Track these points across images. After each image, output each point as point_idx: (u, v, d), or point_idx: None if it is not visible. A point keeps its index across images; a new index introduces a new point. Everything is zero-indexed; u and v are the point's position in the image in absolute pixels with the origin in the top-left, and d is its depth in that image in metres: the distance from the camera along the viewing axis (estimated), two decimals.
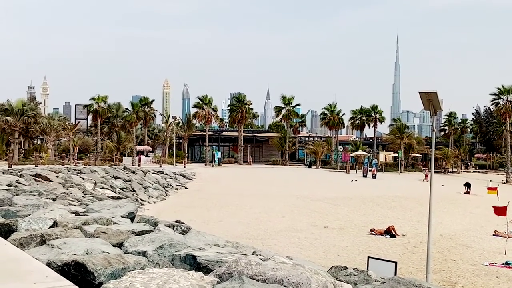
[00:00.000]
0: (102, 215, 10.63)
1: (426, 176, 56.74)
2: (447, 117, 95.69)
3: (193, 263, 6.79)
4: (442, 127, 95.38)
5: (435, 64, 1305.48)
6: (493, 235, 24.46)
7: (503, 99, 66.11)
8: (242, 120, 76.85)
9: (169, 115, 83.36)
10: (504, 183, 59.55)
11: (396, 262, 11.56)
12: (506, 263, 18.42)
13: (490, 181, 51.29)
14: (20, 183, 23.10)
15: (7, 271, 5.20)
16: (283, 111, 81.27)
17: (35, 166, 42.09)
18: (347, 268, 7.15)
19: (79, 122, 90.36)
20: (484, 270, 17.76)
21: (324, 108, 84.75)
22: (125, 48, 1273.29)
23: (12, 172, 30.25)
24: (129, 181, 36.12)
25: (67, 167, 39.21)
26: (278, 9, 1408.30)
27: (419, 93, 12.45)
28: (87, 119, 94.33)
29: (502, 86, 66.37)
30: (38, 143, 78.26)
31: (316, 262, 13.21)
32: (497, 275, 16.91)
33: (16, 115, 63.63)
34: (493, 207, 24.03)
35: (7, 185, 20.86)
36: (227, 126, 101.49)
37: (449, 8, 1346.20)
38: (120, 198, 25.22)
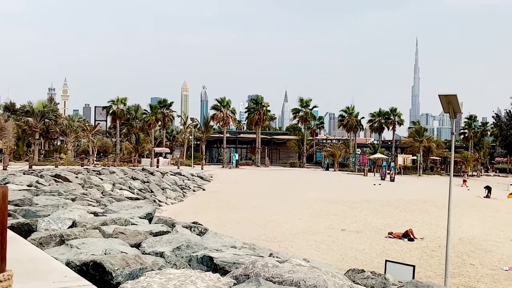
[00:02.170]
0: (121, 215, 10.72)
1: (465, 181, 55.85)
2: (467, 120, 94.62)
3: (210, 264, 6.81)
4: (462, 130, 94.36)
5: (455, 67, 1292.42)
6: None
7: None
8: (259, 122, 76.83)
9: (187, 117, 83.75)
10: None
11: (414, 266, 11.47)
12: None
13: (511, 185, 50.59)
14: (40, 183, 23.38)
15: (27, 270, 5.26)
16: (301, 113, 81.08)
17: (55, 167, 42.55)
18: (364, 271, 7.12)
19: (98, 123, 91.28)
20: (504, 275, 17.51)
21: (342, 110, 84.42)
22: (144, 51, 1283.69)
23: (32, 172, 30.66)
24: (147, 182, 36.35)
25: (86, 168, 39.58)
26: (298, 11, 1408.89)
27: (439, 95, 12.34)
28: (106, 120, 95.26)
29: None
30: (58, 144, 79.17)
31: (333, 265, 13.15)
32: None
33: (36, 117, 64.42)
34: None
35: (28, 186, 21.17)
36: (245, 128, 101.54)
37: (469, 10, 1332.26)
38: (138, 199, 25.40)
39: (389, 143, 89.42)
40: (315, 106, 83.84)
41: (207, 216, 25.57)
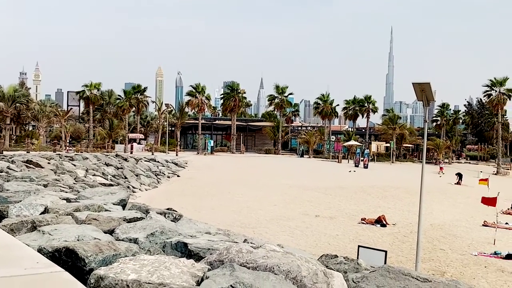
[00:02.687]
0: (94, 202, 10.62)
1: (441, 168, 56.59)
2: (439, 108, 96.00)
3: (184, 250, 6.81)
4: (434, 118, 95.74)
5: (429, 55, 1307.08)
6: (483, 225, 24.69)
7: (496, 91, 66.45)
8: (235, 109, 76.67)
9: (162, 103, 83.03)
10: (495, 174, 59.96)
11: (386, 251, 11.65)
12: (495, 253, 18.61)
13: (481, 172, 51.67)
14: (11, 169, 22.97)
15: None
16: (276, 100, 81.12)
17: (27, 152, 41.88)
18: (337, 257, 7.19)
19: (71, 108, 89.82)
20: (473, 259, 17.94)
21: (317, 98, 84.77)
22: (118, 36, 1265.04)
23: (3, 158, 30.08)
24: (121, 168, 36.05)
25: (59, 154, 39.05)
26: None
27: (413, 83, 12.47)
28: (79, 106, 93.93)
29: (495, 78, 66.70)
30: (30, 129, 77.81)
31: (306, 251, 13.28)
32: (485, 265, 17.09)
33: (7, 101, 63.09)
34: (482, 197, 24.23)
35: None
36: (220, 115, 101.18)
37: (444, 0, 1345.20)
38: (112, 185, 25.14)
39: (363, 130, 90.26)
40: (290, 93, 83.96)
41: (181, 203, 25.52)
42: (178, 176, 41.15)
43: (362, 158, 60.70)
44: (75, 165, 32.21)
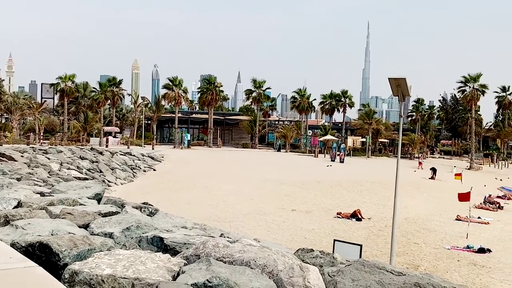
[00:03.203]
0: (68, 196, 10.48)
1: (421, 164, 57.10)
2: (415, 103, 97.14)
3: (160, 245, 6.77)
4: (409, 113, 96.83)
5: (405, 51, 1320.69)
6: (456, 219, 25.13)
7: (470, 87, 67.43)
8: (212, 103, 76.39)
9: (138, 96, 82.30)
10: (468, 169, 60.97)
11: (361, 245, 11.76)
12: (467, 247, 18.97)
13: (455, 166, 52.49)
14: None
15: None
16: (254, 94, 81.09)
17: None
18: (313, 251, 7.23)
19: (45, 101, 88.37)
20: (446, 253, 18.26)
21: (294, 92, 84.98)
22: (94, 27, 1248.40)
23: None
24: (96, 162, 35.67)
25: (33, 147, 38.46)
26: None
27: (389, 79, 12.58)
28: (53, 98, 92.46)
29: (469, 75, 67.69)
30: (3, 122, 76.35)
31: (283, 245, 13.34)
32: (458, 258, 17.41)
33: None
34: (458, 194, 24.61)
35: None
36: (197, 108, 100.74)
37: None
38: (86, 179, 24.90)
39: (340, 125, 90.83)
40: (268, 88, 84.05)
41: (157, 197, 25.39)
42: (154, 170, 40.90)
43: (338, 153, 61.09)
44: (49, 159, 31.77)
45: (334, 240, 12.29)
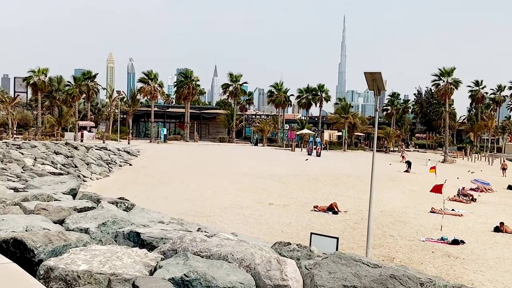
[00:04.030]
0: (43, 191, 10.34)
1: (403, 157, 57.40)
2: (390, 97, 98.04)
3: (137, 240, 6.74)
4: (385, 107, 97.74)
5: (380, 45, 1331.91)
6: (430, 212, 25.52)
7: (444, 81, 68.27)
8: (188, 97, 75.94)
9: (113, 90, 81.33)
10: (442, 162, 61.90)
11: (337, 238, 11.87)
12: (442, 239, 19.29)
13: (429, 160, 53.30)
14: None
15: None
16: (231, 88, 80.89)
17: None
18: (290, 244, 7.27)
19: (18, 95, 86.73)
20: (421, 245, 18.55)
21: (271, 86, 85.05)
22: (68, 19, 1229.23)
23: None
24: (71, 157, 35.23)
25: (6, 142, 37.79)
26: None
27: (364, 73, 12.67)
28: (26, 92, 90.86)
29: (443, 68, 68.51)
30: None
31: (260, 238, 13.38)
32: (432, 250, 17.70)
33: None
34: (434, 186, 24.97)
35: None
36: (174, 102, 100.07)
37: None
38: (61, 174, 24.57)
39: (316, 119, 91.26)
40: (245, 82, 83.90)
41: (134, 192, 25.22)
42: (130, 165, 40.55)
43: (315, 147, 61.41)
44: (23, 154, 31.28)
45: (311, 233, 12.38)
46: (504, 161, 60.31)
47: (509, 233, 21.24)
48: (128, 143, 58.66)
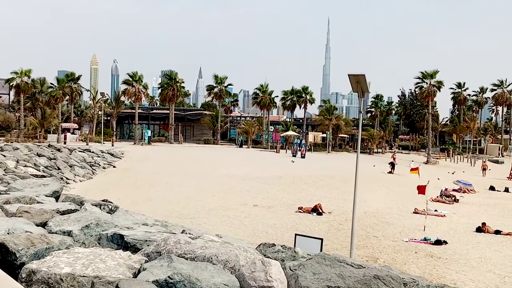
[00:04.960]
0: (25, 194, 10.24)
1: (394, 158, 57.34)
2: (374, 99, 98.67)
3: (120, 242, 6.71)
4: (369, 109, 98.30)
5: (364, 48, 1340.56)
6: (413, 212, 25.72)
7: (427, 83, 68.92)
8: (173, 98, 75.67)
9: (97, 92, 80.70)
10: (425, 163, 62.42)
11: (322, 239, 11.90)
12: (425, 239, 19.46)
13: (412, 161, 53.66)
14: None
15: None
16: (215, 90, 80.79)
17: None
18: (275, 245, 7.29)
19: (0, 97, 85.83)
20: (404, 245, 18.68)
21: (256, 88, 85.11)
22: (50, 20, 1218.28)
23: None
24: (54, 159, 34.89)
25: None
26: None
27: (348, 75, 12.75)
28: (9, 94, 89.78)
29: (425, 71, 69.18)
30: None
31: (245, 240, 13.38)
32: (416, 250, 17.84)
33: None
34: (417, 186, 25.21)
35: None
36: (158, 104, 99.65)
37: None
38: (44, 176, 24.29)
39: (301, 120, 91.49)
40: (230, 84, 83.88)
41: (117, 194, 25.05)
42: (114, 167, 40.27)
43: (300, 148, 61.56)
44: (4, 156, 30.89)
45: (296, 235, 12.40)
46: (484, 161, 60.99)
47: (491, 233, 21.50)
48: (112, 145, 58.26)
